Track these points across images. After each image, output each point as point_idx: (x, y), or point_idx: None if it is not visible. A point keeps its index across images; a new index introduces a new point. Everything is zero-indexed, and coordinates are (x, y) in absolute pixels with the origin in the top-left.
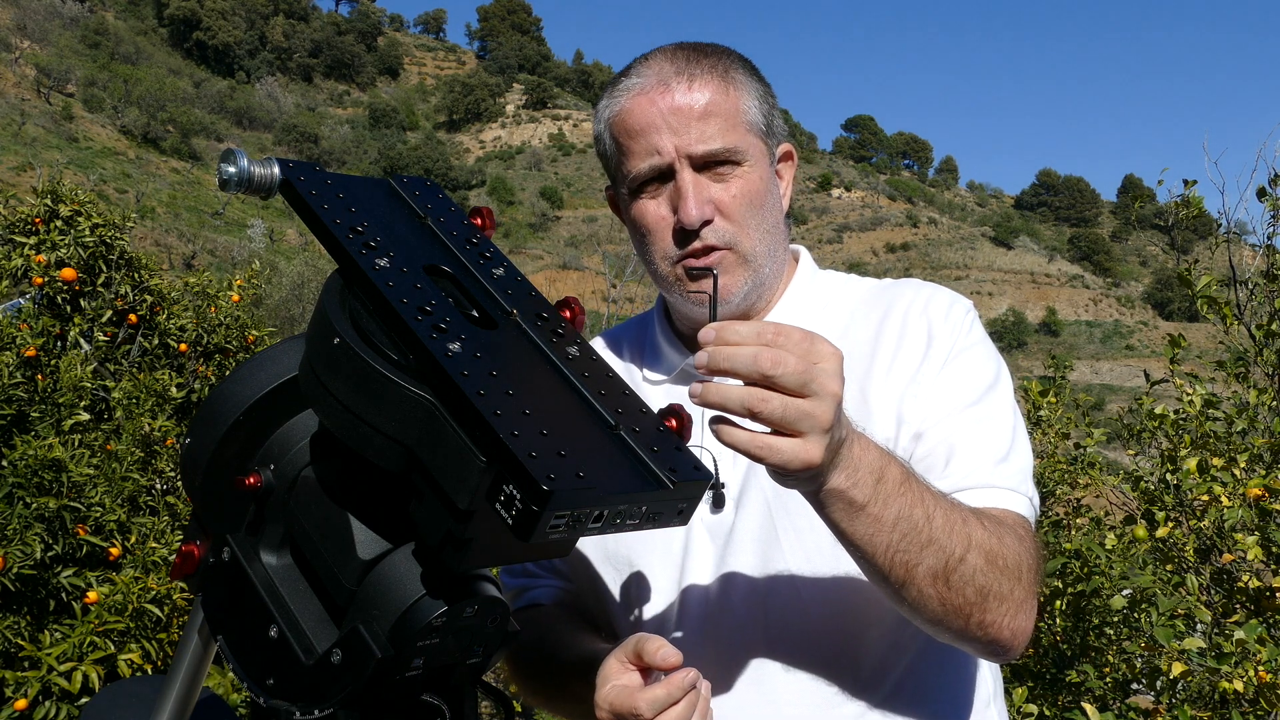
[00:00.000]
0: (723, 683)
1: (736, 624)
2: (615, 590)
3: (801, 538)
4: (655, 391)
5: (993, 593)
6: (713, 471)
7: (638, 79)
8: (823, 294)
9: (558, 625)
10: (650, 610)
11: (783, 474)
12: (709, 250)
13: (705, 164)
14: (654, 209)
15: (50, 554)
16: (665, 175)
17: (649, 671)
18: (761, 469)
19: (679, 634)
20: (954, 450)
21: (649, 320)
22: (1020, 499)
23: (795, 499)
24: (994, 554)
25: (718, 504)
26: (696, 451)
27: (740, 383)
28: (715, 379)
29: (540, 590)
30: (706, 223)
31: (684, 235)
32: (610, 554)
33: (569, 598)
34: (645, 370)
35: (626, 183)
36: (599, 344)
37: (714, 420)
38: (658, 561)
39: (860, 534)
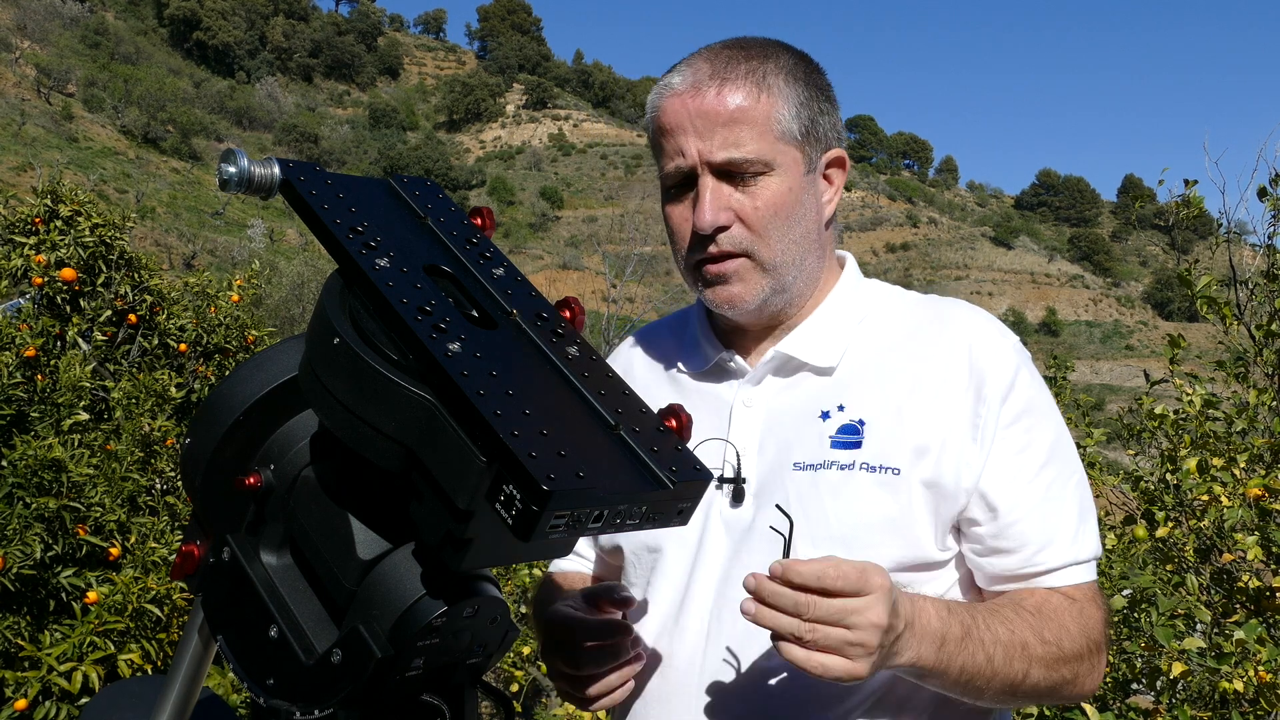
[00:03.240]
0: (724, 675)
1: (740, 619)
2: (630, 573)
3: (816, 542)
4: (690, 384)
5: (1062, 684)
6: (720, 471)
7: (678, 77)
8: (863, 304)
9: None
10: (660, 596)
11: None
12: (725, 256)
13: (727, 171)
14: (679, 211)
15: (50, 554)
16: (690, 178)
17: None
18: (785, 468)
19: (685, 623)
20: (1027, 537)
21: (689, 316)
22: (1091, 566)
23: (816, 501)
24: (1055, 661)
25: (737, 499)
26: (720, 444)
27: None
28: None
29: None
30: (722, 229)
31: (700, 239)
32: (628, 537)
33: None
34: (680, 363)
35: (660, 179)
36: (631, 341)
37: (773, 636)
38: (673, 550)
39: (930, 684)
